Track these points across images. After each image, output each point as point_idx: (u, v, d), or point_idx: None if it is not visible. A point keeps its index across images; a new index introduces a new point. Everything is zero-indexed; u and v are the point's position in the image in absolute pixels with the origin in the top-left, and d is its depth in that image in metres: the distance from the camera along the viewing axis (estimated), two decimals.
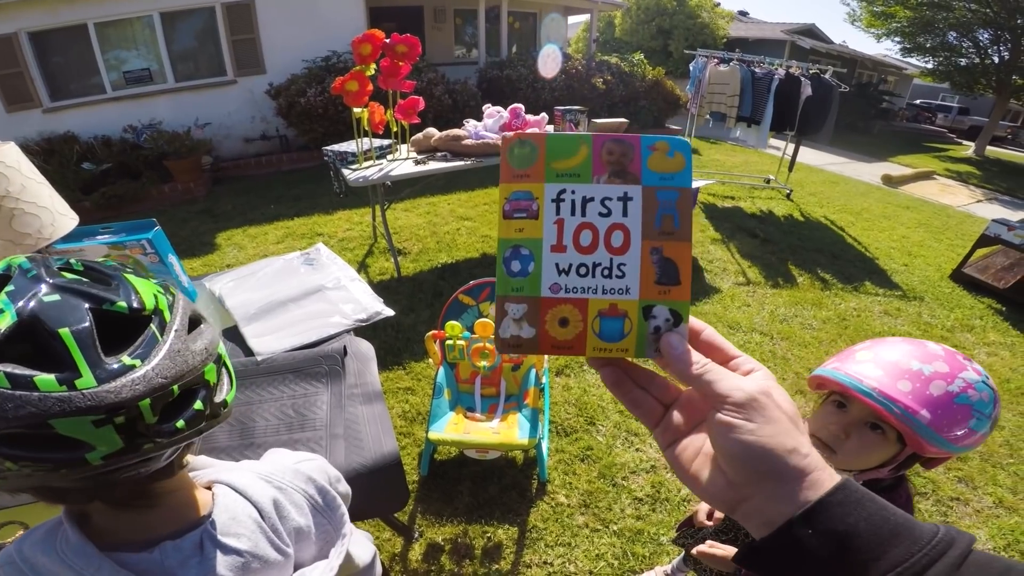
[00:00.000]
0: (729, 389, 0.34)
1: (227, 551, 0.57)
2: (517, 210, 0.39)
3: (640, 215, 0.39)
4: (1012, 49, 12.95)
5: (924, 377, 0.79)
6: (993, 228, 4.29)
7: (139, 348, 0.47)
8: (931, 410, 0.77)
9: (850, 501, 0.32)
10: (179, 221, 4.95)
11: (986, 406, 0.78)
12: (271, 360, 1.40)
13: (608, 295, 0.39)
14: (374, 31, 2.73)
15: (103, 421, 0.43)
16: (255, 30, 6.68)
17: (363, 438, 1.23)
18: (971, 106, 21.92)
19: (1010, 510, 2.19)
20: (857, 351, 0.90)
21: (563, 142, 0.40)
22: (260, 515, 0.61)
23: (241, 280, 1.81)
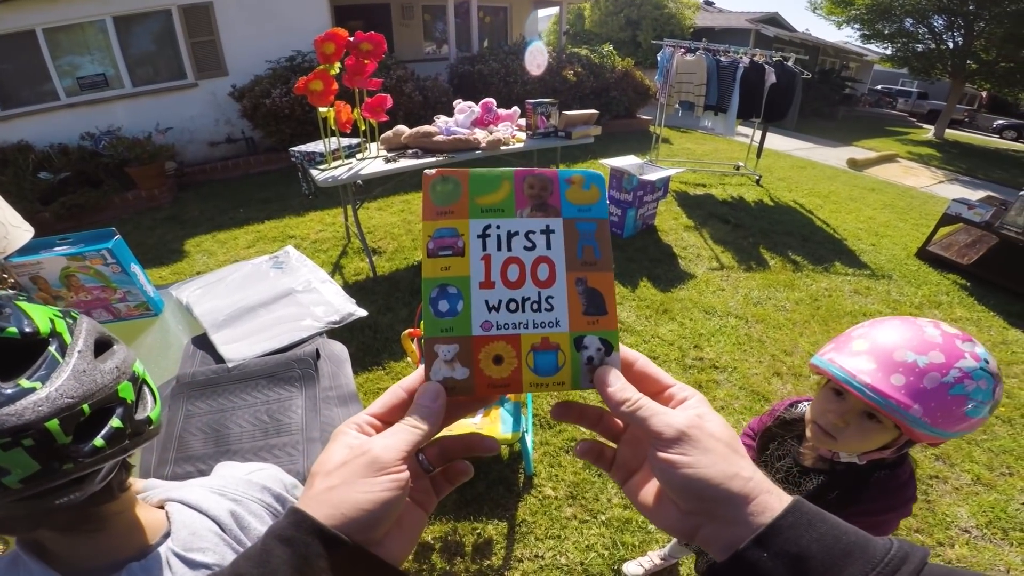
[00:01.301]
0: (661, 426, 0.35)
1: (195, 566, 0.56)
2: (442, 248, 0.39)
3: (563, 247, 0.40)
4: (965, 34, 13.38)
5: (918, 370, 0.79)
6: (954, 207, 4.43)
7: (38, 371, 0.47)
8: (923, 403, 0.77)
9: (801, 523, 0.32)
10: (145, 229, 4.80)
11: (982, 393, 0.77)
12: (243, 366, 1.37)
13: (539, 329, 0.39)
14: (337, 29, 2.68)
15: (10, 444, 0.43)
16: (215, 32, 6.50)
17: None
18: (929, 91, 22.66)
19: (988, 487, 2.25)
20: (854, 338, 0.90)
21: (486, 178, 0.40)
22: (220, 528, 0.61)
23: (209, 287, 1.76)
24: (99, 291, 1.66)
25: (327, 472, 0.34)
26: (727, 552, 0.32)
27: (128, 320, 1.72)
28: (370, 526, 0.32)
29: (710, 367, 2.84)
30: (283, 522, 0.32)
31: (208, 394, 1.30)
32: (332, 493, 0.33)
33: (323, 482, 0.34)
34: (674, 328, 3.18)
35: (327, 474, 0.34)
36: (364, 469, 0.33)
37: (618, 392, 0.37)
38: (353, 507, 0.32)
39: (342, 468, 0.34)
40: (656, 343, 3.02)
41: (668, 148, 8.40)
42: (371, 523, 0.32)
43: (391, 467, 0.34)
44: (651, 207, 4.62)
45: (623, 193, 4.33)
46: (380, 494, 0.33)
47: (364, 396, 2.56)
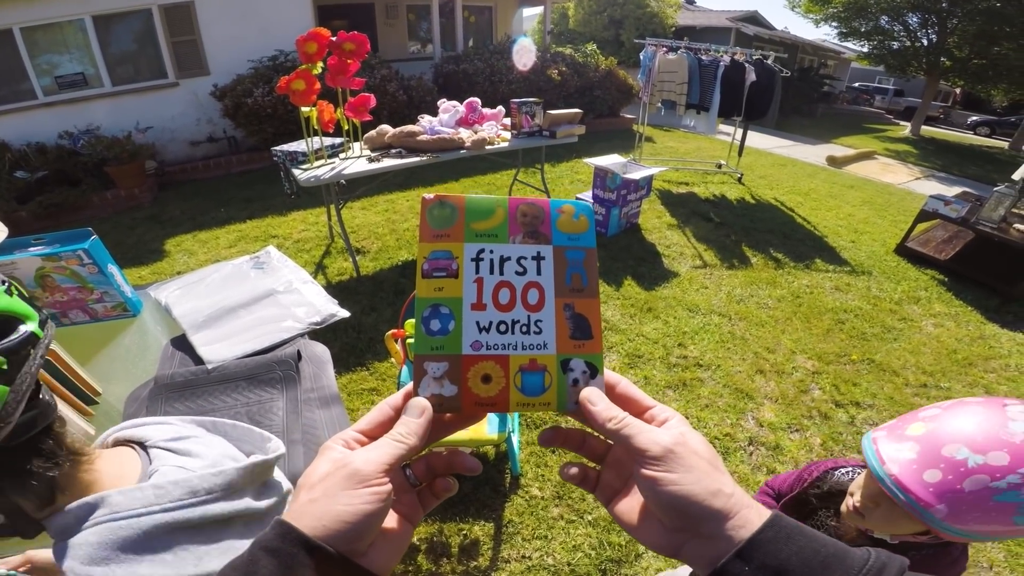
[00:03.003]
0: (647, 443, 0.36)
1: None
2: (436, 269, 0.40)
3: (552, 274, 0.42)
4: (939, 32, 13.66)
5: (964, 470, 0.70)
6: (931, 204, 4.52)
7: None
8: (951, 505, 0.70)
9: (780, 537, 0.33)
10: (124, 229, 4.72)
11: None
12: (223, 368, 1.35)
13: (528, 351, 0.40)
14: (319, 29, 2.66)
15: (8, 290, 0.53)
16: (196, 31, 6.42)
17: (322, 442, 1.20)
18: (906, 88, 23.10)
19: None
20: (917, 419, 0.82)
21: (481, 204, 0.42)
22: None
23: (188, 288, 1.74)
24: (75, 292, 1.63)
25: (311, 485, 0.35)
26: (710, 567, 0.33)
27: (106, 321, 1.69)
28: (353, 537, 0.33)
29: (694, 365, 2.87)
30: (269, 533, 0.33)
31: (187, 396, 1.28)
32: (315, 505, 0.34)
33: (307, 495, 0.35)
34: (658, 326, 3.21)
35: (311, 487, 0.35)
36: (345, 481, 0.34)
37: (603, 411, 0.38)
38: (335, 519, 0.33)
39: (324, 481, 0.35)
40: (640, 341, 3.04)
41: (651, 147, 8.46)
42: (354, 534, 0.33)
43: (372, 479, 0.34)
44: (635, 206, 4.65)
45: (607, 192, 4.35)
46: (361, 506, 0.33)
47: (347, 397, 2.55)
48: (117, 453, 0.66)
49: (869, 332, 3.38)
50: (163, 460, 0.65)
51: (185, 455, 0.66)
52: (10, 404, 0.48)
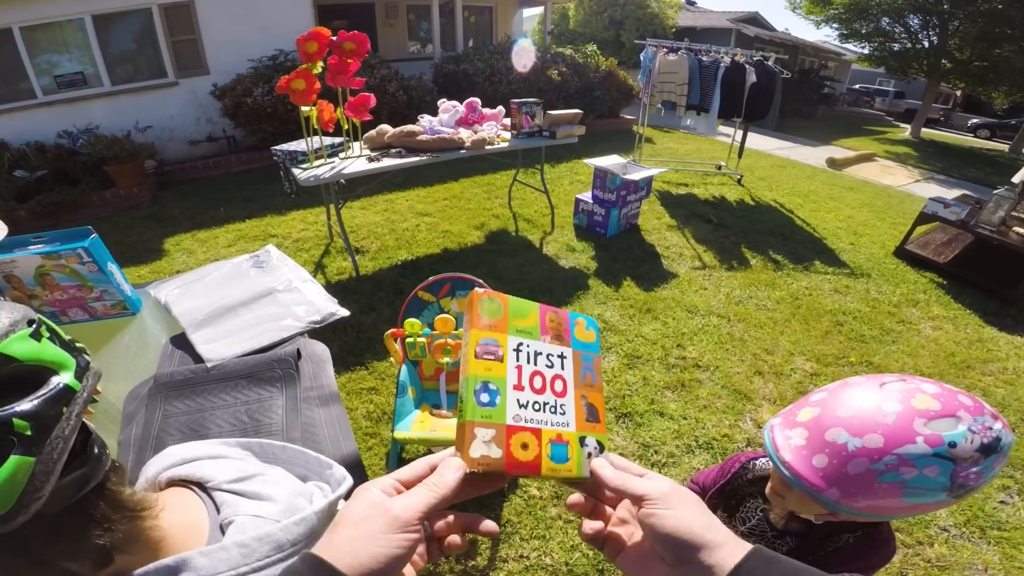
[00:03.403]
0: (647, 488, 0.43)
1: None
2: (486, 352, 0.49)
3: (572, 371, 0.54)
4: (940, 34, 13.66)
5: (845, 454, 0.73)
6: (931, 206, 4.52)
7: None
8: (841, 488, 0.73)
9: (760, 567, 0.37)
10: (124, 228, 4.72)
11: (929, 481, 0.69)
12: (222, 366, 1.36)
13: (556, 427, 0.50)
14: (320, 29, 2.67)
15: (35, 334, 0.43)
16: (196, 30, 6.42)
17: (321, 441, 1.20)
18: (906, 90, 23.11)
19: None
20: (806, 405, 0.85)
21: (521, 306, 0.54)
22: None
23: (188, 286, 1.74)
24: (75, 290, 1.63)
25: (350, 524, 0.39)
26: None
27: (105, 319, 1.69)
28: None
29: (692, 366, 2.87)
30: (300, 565, 0.36)
31: (186, 394, 1.28)
32: (352, 544, 0.37)
33: (344, 533, 0.39)
34: (657, 327, 3.21)
35: (349, 526, 0.39)
36: (385, 525, 0.39)
37: (611, 474, 0.47)
38: (372, 558, 0.37)
39: (364, 523, 0.39)
40: (639, 342, 3.04)
41: (651, 148, 8.46)
42: (384, 574, 0.37)
43: (409, 526, 0.39)
44: (634, 206, 4.65)
45: (607, 193, 4.36)
46: (395, 549, 0.38)
47: (346, 396, 2.55)
48: (179, 499, 0.57)
49: (868, 334, 3.38)
50: (235, 507, 0.57)
51: (256, 499, 0.59)
52: (38, 477, 0.38)
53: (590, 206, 4.51)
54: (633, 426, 2.43)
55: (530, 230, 4.57)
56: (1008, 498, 2.24)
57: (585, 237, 4.46)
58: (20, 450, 0.37)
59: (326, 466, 0.71)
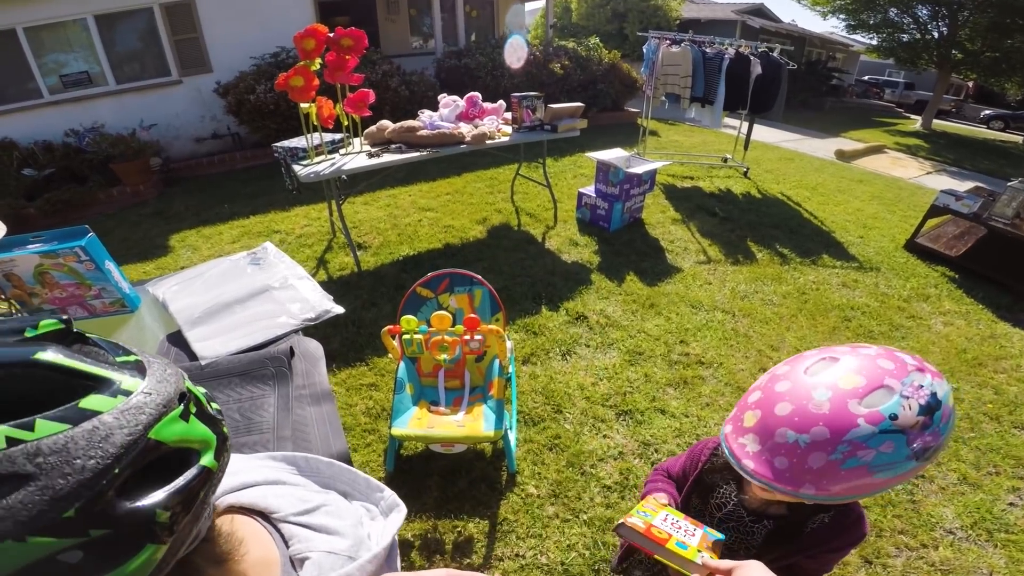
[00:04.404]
0: (728, 565, 0.73)
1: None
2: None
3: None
4: (950, 24, 13.41)
5: (800, 451, 0.74)
6: (942, 199, 4.43)
7: None
8: (813, 482, 0.73)
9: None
10: (130, 224, 4.76)
11: (888, 455, 0.70)
12: (215, 364, 1.36)
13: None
14: (316, 25, 2.66)
15: (184, 413, 0.39)
16: (198, 29, 6.44)
17: (311, 439, 1.21)
18: (916, 81, 22.73)
19: (974, 486, 2.23)
20: (749, 405, 0.84)
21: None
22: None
23: (186, 283, 1.74)
24: (73, 288, 1.64)
25: None
26: None
27: (104, 316, 1.71)
28: None
29: (696, 363, 2.84)
30: None
31: None
32: None
33: None
34: (660, 323, 3.18)
35: None
36: None
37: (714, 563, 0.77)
38: None
39: None
40: (642, 338, 3.01)
41: (656, 140, 8.39)
42: None
43: None
44: (638, 200, 4.61)
45: (609, 187, 4.32)
46: None
47: (346, 392, 2.54)
48: (250, 532, 0.54)
49: (876, 330, 3.33)
50: (307, 543, 0.55)
51: (325, 533, 0.56)
52: (167, 559, 0.37)
53: (593, 200, 4.47)
54: (634, 424, 2.41)
55: (533, 224, 4.54)
56: (1017, 500, 2.19)
57: (588, 231, 4.42)
58: (156, 538, 0.35)
59: (376, 489, 0.69)
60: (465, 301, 2.11)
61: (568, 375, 2.69)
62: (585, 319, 3.15)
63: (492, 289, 2.08)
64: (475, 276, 2.07)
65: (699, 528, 0.87)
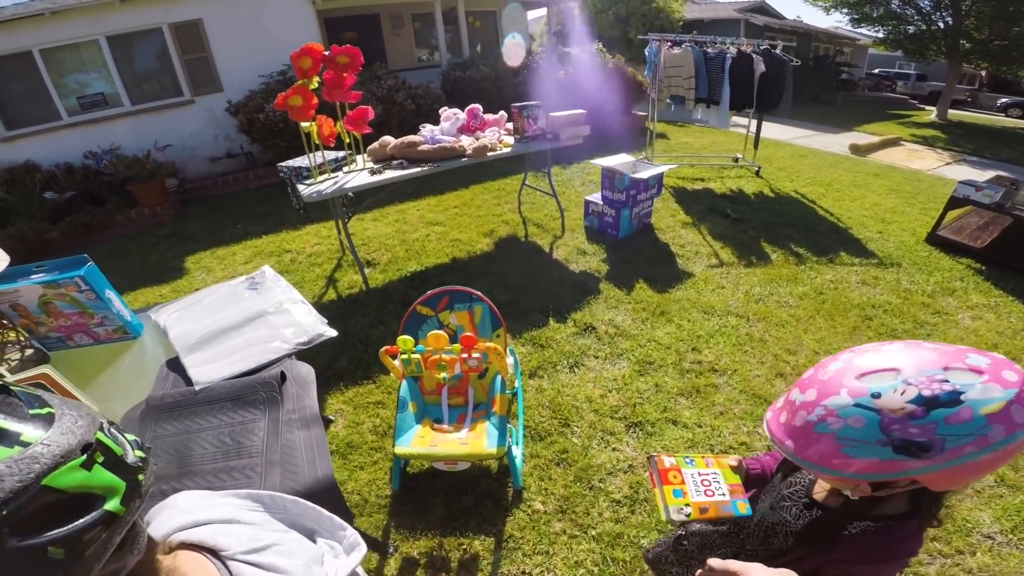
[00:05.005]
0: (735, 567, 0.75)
1: None
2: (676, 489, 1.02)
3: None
4: (954, 14, 13.11)
5: (794, 407, 0.79)
6: (961, 190, 4.29)
7: None
8: (793, 439, 0.78)
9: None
10: (148, 246, 4.85)
11: (856, 432, 0.71)
12: (209, 389, 1.39)
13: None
14: (312, 44, 2.68)
15: (87, 462, 0.43)
16: (207, 48, 6.59)
17: (299, 463, 1.23)
18: (928, 72, 22.28)
19: (1013, 488, 2.12)
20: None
21: None
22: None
23: (186, 310, 1.76)
24: (77, 316, 1.68)
25: None
26: None
27: (108, 343, 1.75)
28: None
29: (708, 371, 2.76)
30: None
31: (175, 416, 1.33)
32: None
33: None
34: (671, 331, 3.11)
35: None
36: None
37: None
38: None
39: None
40: (652, 347, 2.95)
41: (665, 143, 8.32)
42: None
43: None
44: (646, 205, 4.55)
45: (616, 193, 4.27)
46: None
47: (353, 410, 2.53)
48: (195, 567, 0.56)
49: (900, 328, 3.20)
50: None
51: (273, 571, 0.58)
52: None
53: (600, 207, 4.43)
54: (644, 436, 2.35)
55: (540, 235, 4.51)
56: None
57: (596, 239, 4.37)
58: (52, 573, 0.40)
59: (339, 527, 0.71)
60: (465, 318, 2.08)
61: (576, 387, 2.64)
62: (593, 330, 3.10)
63: (492, 305, 2.05)
64: (474, 292, 2.05)
65: (722, 496, 1.00)
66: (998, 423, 0.65)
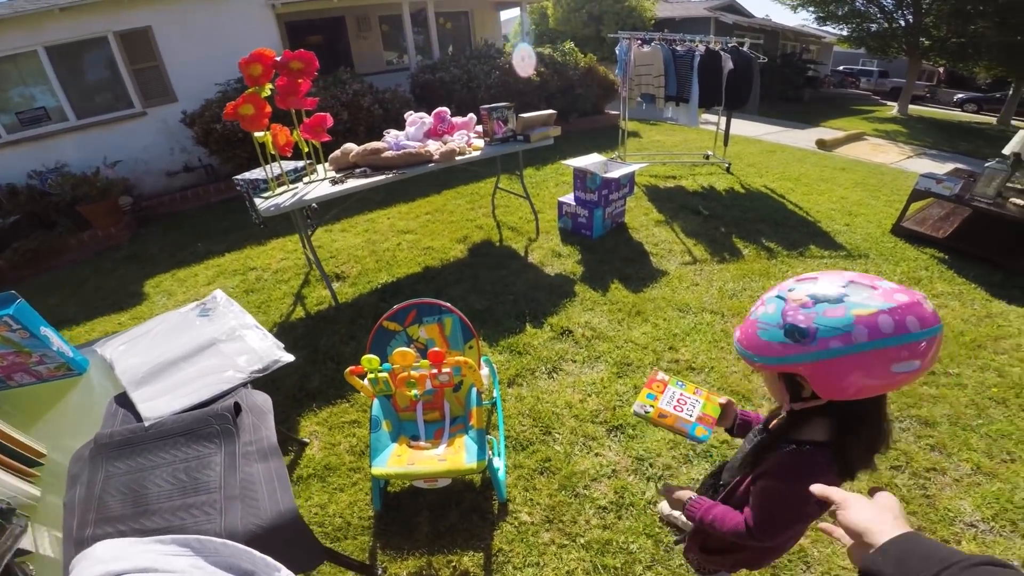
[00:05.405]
0: (839, 496, 0.72)
1: None
2: None
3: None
4: (915, 12, 13.61)
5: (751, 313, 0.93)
6: (923, 183, 4.39)
7: None
8: (741, 331, 0.93)
9: (905, 543, 0.58)
10: (105, 272, 4.59)
11: (768, 317, 0.86)
12: (160, 424, 1.31)
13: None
14: (263, 50, 2.56)
15: None
16: (158, 57, 6.31)
17: (259, 498, 1.17)
18: (890, 69, 23.10)
19: (990, 475, 2.14)
20: None
21: None
22: None
23: (133, 342, 1.65)
24: (13, 356, 1.57)
25: None
26: None
27: (51, 381, 1.64)
28: None
29: (686, 369, 2.74)
30: None
31: (127, 454, 1.25)
32: None
33: None
34: (648, 330, 3.08)
35: None
36: None
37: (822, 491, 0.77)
38: None
39: None
40: (629, 348, 2.91)
41: (638, 142, 8.35)
42: None
43: None
44: (619, 205, 4.53)
45: (588, 193, 4.24)
46: None
47: (328, 431, 2.42)
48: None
49: None
50: None
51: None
52: None
53: (573, 208, 4.39)
54: (626, 439, 2.30)
55: (514, 238, 4.45)
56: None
57: (571, 241, 4.33)
58: None
59: (274, 568, 0.73)
60: (435, 331, 2.00)
61: (555, 394, 2.58)
62: (571, 333, 3.05)
63: (462, 316, 1.97)
64: (443, 304, 1.97)
65: (687, 416, 1.20)
66: (863, 325, 0.76)
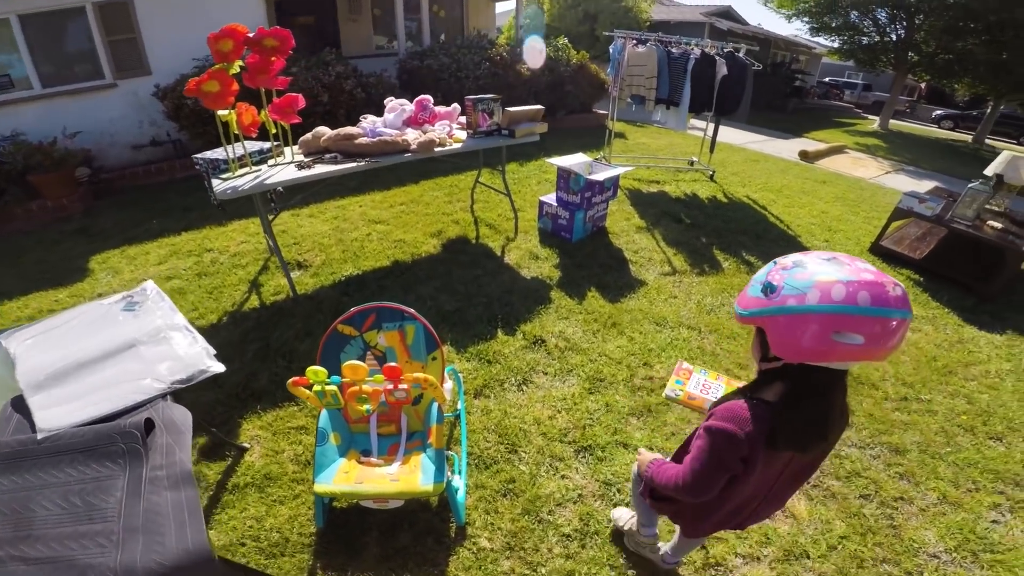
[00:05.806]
0: None
1: None
2: None
3: None
4: (907, 27, 13.88)
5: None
6: (906, 201, 4.40)
7: None
8: (741, 293, 1.07)
9: None
10: (48, 244, 4.30)
11: (759, 275, 1.02)
12: (55, 437, 1.13)
13: None
14: (235, 25, 2.38)
15: None
16: (136, 29, 6.00)
17: (165, 532, 1.00)
18: (874, 83, 23.57)
19: (955, 505, 2.13)
20: None
21: None
22: None
23: (45, 335, 1.45)
24: None
25: None
26: None
27: None
28: None
29: (660, 387, 2.61)
30: None
31: (13, 468, 1.07)
32: None
33: None
34: (623, 344, 2.96)
35: None
36: None
37: None
38: None
39: None
40: (603, 362, 2.78)
41: (623, 143, 8.26)
42: None
43: None
44: (601, 208, 4.41)
45: (570, 195, 4.11)
46: None
47: (273, 436, 2.25)
48: None
49: None
50: None
51: None
52: None
53: (554, 209, 4.25)
54: (594, 461, 2.19)
55: (492, 236, 4.29)
56: (999, 516, 2.11)
57: (549, 242, 4.19)
58: None
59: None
60: (396, 338, 1.84)
61: (524, 408, 2.45)
62: (543, 343, 2.91)
63: (427, 324, 1.82)
64: (406, 310, 1.81)
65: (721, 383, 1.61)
66: (818, 290, 0.89)
